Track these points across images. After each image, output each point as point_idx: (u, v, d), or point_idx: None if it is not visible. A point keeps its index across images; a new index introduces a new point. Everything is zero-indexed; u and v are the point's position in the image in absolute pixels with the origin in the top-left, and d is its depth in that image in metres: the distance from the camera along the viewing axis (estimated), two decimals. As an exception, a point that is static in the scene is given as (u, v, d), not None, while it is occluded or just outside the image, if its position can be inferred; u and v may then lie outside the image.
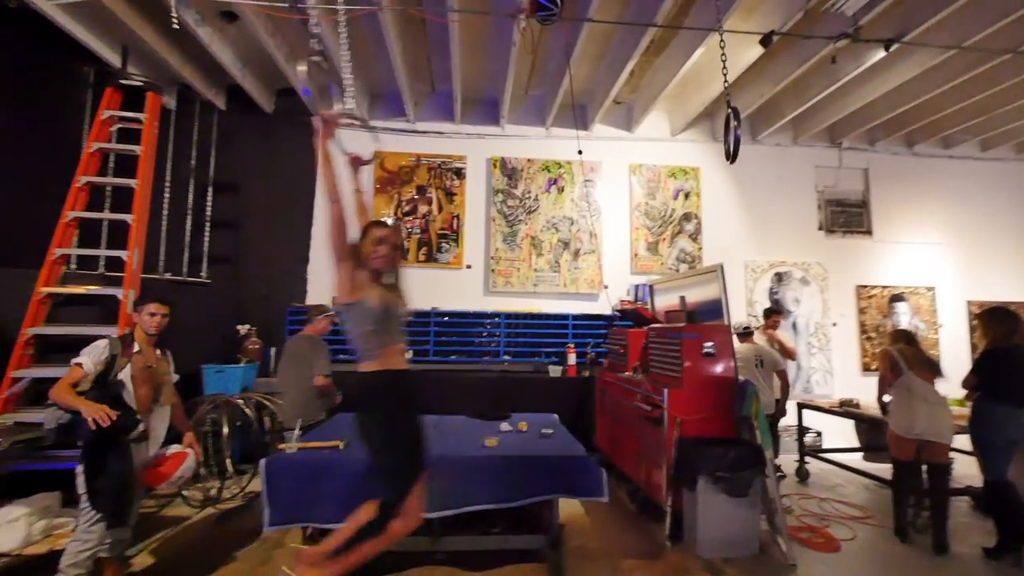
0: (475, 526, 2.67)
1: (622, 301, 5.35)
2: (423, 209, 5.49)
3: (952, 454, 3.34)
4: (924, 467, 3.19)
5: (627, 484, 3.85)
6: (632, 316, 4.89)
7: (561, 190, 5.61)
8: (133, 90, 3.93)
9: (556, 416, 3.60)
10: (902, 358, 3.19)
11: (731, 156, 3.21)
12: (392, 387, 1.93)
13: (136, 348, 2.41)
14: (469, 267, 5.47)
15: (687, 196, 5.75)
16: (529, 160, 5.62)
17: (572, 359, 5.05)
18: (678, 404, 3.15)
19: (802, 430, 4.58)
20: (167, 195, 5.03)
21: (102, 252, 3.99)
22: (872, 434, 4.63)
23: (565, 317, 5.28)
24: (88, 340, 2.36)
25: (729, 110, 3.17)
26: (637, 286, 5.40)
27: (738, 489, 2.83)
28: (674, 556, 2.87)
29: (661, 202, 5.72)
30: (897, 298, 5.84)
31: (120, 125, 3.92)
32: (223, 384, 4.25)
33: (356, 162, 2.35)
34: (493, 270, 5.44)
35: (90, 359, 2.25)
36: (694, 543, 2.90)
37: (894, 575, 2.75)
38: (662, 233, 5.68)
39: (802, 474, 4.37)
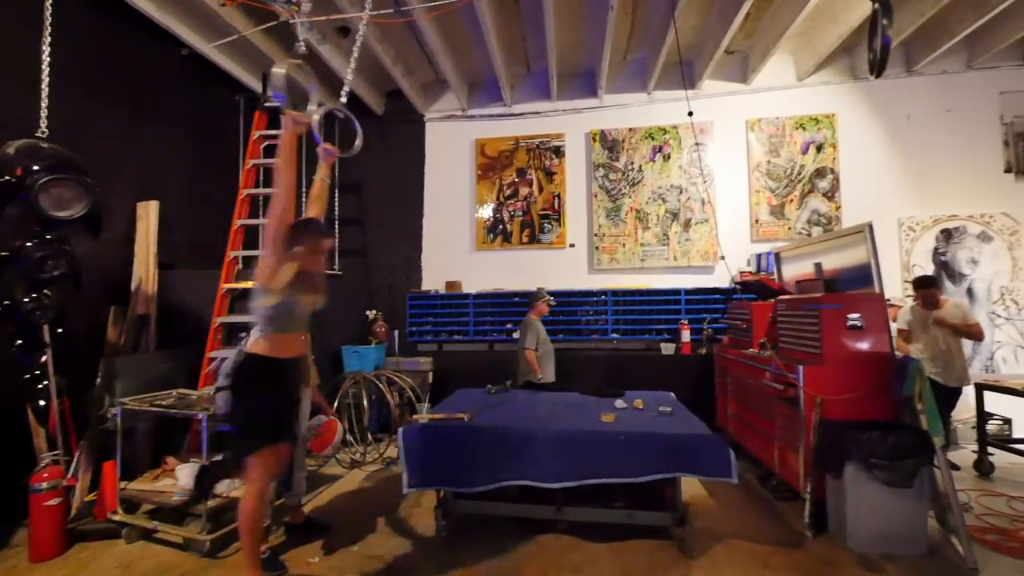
0: (599, 499, 2.71)
1: (742, 272, 4.90)
2: (524, 191, 5.56)
3: None
4: None
5: (756, 467, 3.59)
6: (755, 288, 4.47)
7: (667, 158, 5.26)
8: (275, 110, 4.53)
9: (673, 394, 3.47)
10: None
11: (877, 69, 2.64)
12: (255, 371, 2.13)
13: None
14: (572, 246, 5.44)
15: (819, 149, 5.02)
16: (631, 129, 5.35)
17: (686, 336, 4.79)
18: (817, 383, 2.83)
19: (983, 416, 3.82)
20: (303, 199, 5.75)
21: (261, 253, 4.71)
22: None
23: (677, 292, 5.00)
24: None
25: (876, 5, 2.58)
26: (759, 255, 4.90)
27: (899, 479, 2.47)
28: (818, 547, 2.62)
29: (787, 159, 5.07)
30: None
31: (267, 143, 4.56)
32: (359, 363, 4.81)
33: (328, 153, 2.58)
34: (597, 247, 5.34)
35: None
36: (843, 535, 2.61)
37: None
38: (789, 194, 5.05)
39: (984, 468, 3.66)
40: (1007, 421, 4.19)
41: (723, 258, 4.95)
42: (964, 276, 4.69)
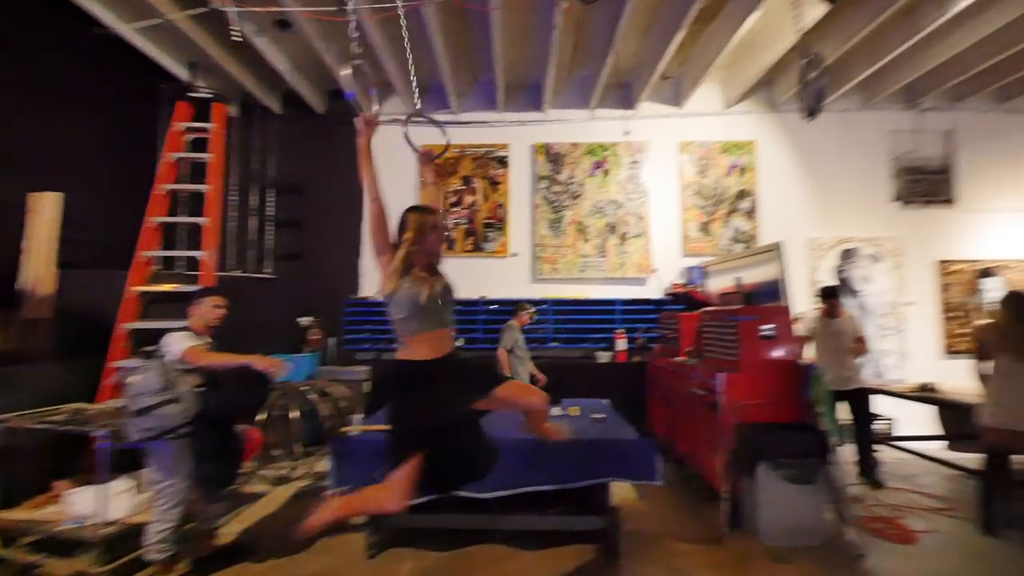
0: (533, 507, 2.74)
1: (674, 284, 5.20)
2: (468, 199, 5.57)
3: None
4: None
5: (683, 470, 3.79)
6: (684, 300, 4.76)
7: (607, 173, 5.49)
8: (202, 102, 4.24)
9: (607, 401, 3.60)
10: (996, 337, 2.90)
11: (811, 111, 2.96)
12: (403, 378, 1.92)
13: (202, 341, 2.51)
14: (515, 255, 5.51)
15: (742, 172, 5.46)
16: (573, 144, 5.53)
17: (621, 345, 5.00)
18: (735, 389, 3.05)
19: (872, 416, 4.29)
20: (234, 198, 5.42)
21: (182, 253, 4.38)
22: (958, 421, 4.25)
23: (613, 302, 5.21)
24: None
25: (805, 60, 2.92)
26: (689, 269, 5.23)
27: (803, 476, 2.72)
28: (735, 543, 2.81)
29: (713, 180, 5.46)
30: (986, 273, 5.27)
31: (193, 135, 4.26)
32: (290, 373, 4.56)
33: (426, 157, 2.41)
34: (539, 257, 5.45)
35: (192, 341, 2.41)
36: (755, 530, 2.83)
37: (977, 570, 2.55)
38: (715, 213, 5.44)
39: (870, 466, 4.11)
40: (892, 421, 4.74)
41: (656, 271, 5.22)
42: (858, 292, 5.27)
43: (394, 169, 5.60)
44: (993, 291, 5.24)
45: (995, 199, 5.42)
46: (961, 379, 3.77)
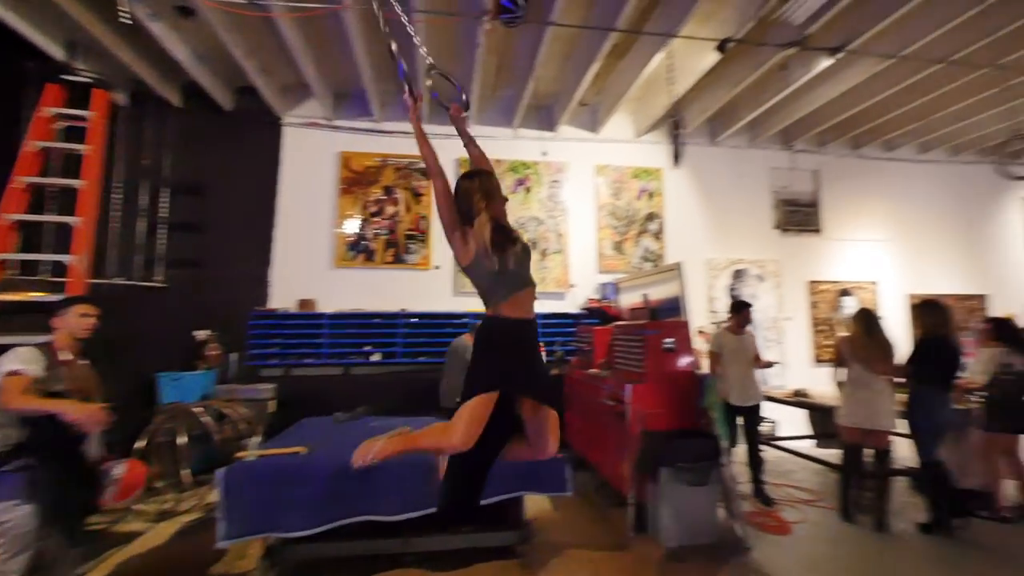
0: (444, 527, 2.69)
1: (589, 299, 5.46)
2: (390, 210, 5.44)
3: (892, 438, 3.58)
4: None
5: (596, 478, 3.94)
6: (598, 314, 5.01)
7: (528, 191, 5.67)
8: (80, 87, 3.75)
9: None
10: (849, 349, 3.40)
11: (676, 160, 3.57)
12: (497, 331, 1.85)
13: (64, 356, 2.24)
14: (437, 268, 5.46)
15: (651, 196, 5.91)
16: (496, 160, 5.64)
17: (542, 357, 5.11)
18: (641, 398, 3.24)
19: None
20: (118, 196, 4.81)
21: (46, 256, 3.79)
22: (824, 422, 4.88)
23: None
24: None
25: (672, 120, 3.43)
26: (604, 284, 5.52)
27: (698, 478, 2.96)
28: (639, 546, 2.97)
29: (626, 202, 5.86)
30: (845, 293, 6.18)
31: (67, 124, 3.73)
32: (181, 392, 4.11)
33: (458, 113, 2.29)
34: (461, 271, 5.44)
35: (26, 364, 2.09)
36: (657, 533, 3.01)
37: (839, 553, 2.93)
38: (627, 232, 5.82)
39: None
40: (774, 423, 5.33)
41: (573, 286, 5.45)
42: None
43: (314, 170, 5.36)
44: (851, 308, 6.15)
45: (850, 230, 6.38)
46: (826, 385, 4.33)
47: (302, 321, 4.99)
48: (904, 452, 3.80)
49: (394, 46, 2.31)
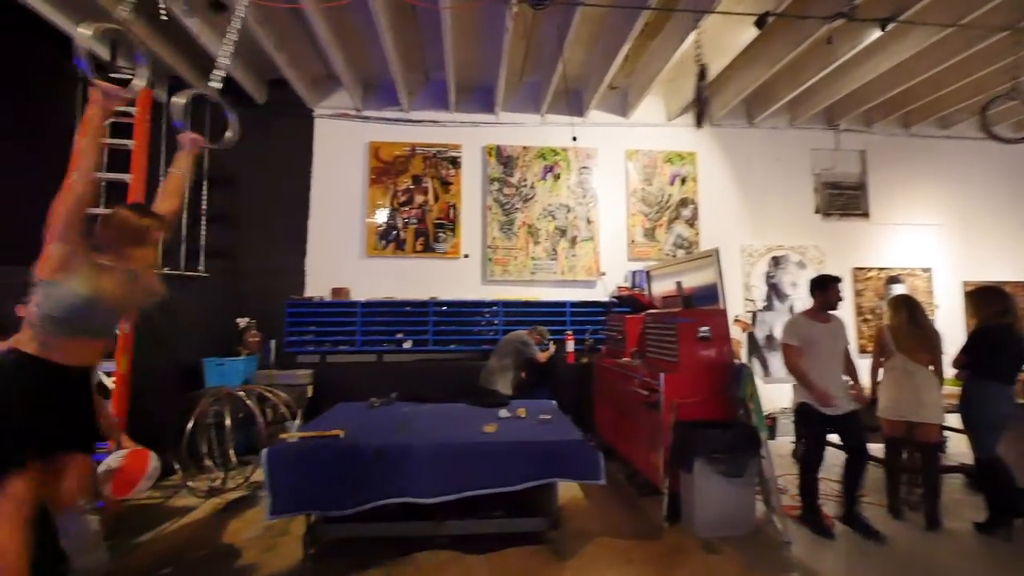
0: (477, 510, 2.72)
1: (619, 287, 5.37)
2: (419, 199, 5.48)
3: (946, 432, 3.39)
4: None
5: (627, 468, 3.91)
6: (629, 302, 4.92)
7: (557, 177, 5.59)
8: (124, 84, 3.89)
9: (554, 402, 3.65)
10: (892, 338, 3.23)
11: (697, 120, 3.38)
12: (20, 375, 1.68)
13: None
14: (466, 256, 5.48)
15: (684, 181, 5.73)
16: (525, 147, 5.59)
17: (570, 346, 5.09)
18: (674, 388, 3.18)
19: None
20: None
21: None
22: (867, 414, 4.67)
23: (563, 304, 5.31)
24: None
25: (699, 66, 3.19)
26: (634, 272, 5.41)
27: (734, 470, 2.88)
28: (672, 536, 2.93)
29: (658, 188, 5.70)
30: (894, 280, 5.85)
31: (112, 120, 3.89)
32: (224, 377, 4.29)
33: (193, 143, 2.25)
34: (490, 259, 5.45)
35: None
36: (691, 523, 2.96)
37: (886, 551, 2.80)
38: (659, 219, 5.68)
39: (798, 455, 4.43)
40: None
41: (604, 274, 5.38)
42: (787, 296, 5.68)
43: (344, 161, 5.44)
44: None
45: (900, 214, 6.02)
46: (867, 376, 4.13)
47: (336, 309, 5.11)
48: (960, 448, 3.60)
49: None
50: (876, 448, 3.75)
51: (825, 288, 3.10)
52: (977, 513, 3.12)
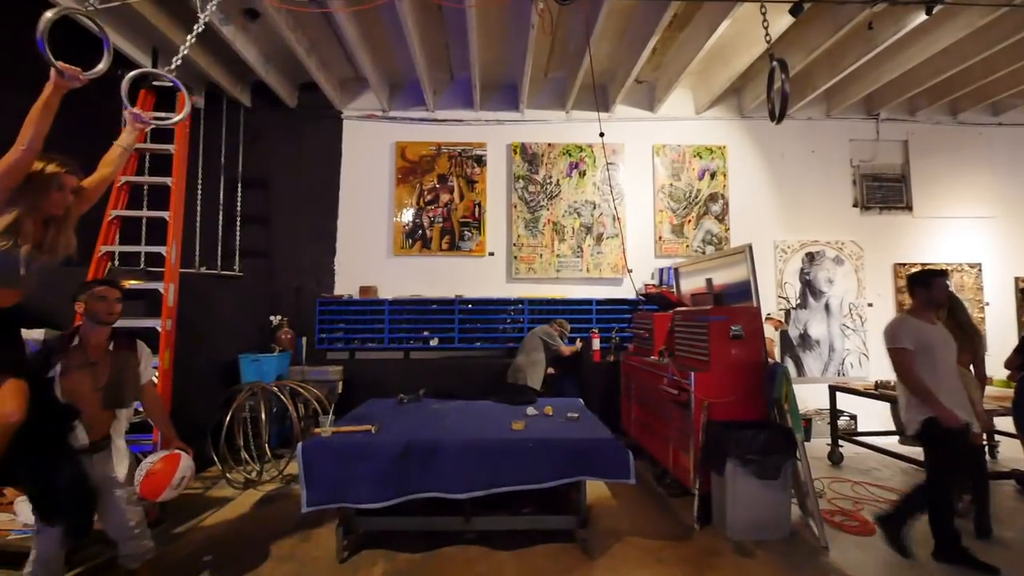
0: (506, 507, 2.74)
1: (647, 285, 5.29)
2: (444, 198, 5.53)
3: (997, 437, 3.21)
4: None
5: (655, 467, 3.86)
6: (657, 300, 4.84)
7: (583, 174, 5.54)
8: (165, 91, 4.06)
9: (581, 400, 3.62)
10: None
11: (778, 116, 3.05)
12: None
13: (74, 342, 2.14)
14: (492, 254, 5.50)
15: (713, 176, 5.59)
16: (550, 145, 5.56)
17: (596, 344, 5.04)
18: (705, 387, 3.12)
19: (835, 413, 4.47)
20: (200, 192, 5.23)
21: (143, 248, 4.18)
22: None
23: (589, 302, 5.27)
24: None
25: (774, 63, 3.02)
26: (662, 270, 5.32)
27: (768, 472, 2.80)
28: (703, 538, 2.87)
29: (686, 183, 5.58)
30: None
31: (154, 125, 4.06)
32: (259, 372, 4.44)
33: (136, 118, 2.27)
34: (516, 257, 5.45)
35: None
36: (723, 525, 2.90)
37: (926, 556, 2.68)
38: (687, 215, 5.56)
39: (835, 458, 4.28)
40: (853, 417, 4.95)
41: (631, 271, 5.31)
42: (823, 293, 5.48)
43: (372, 161, 5.54)
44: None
45: (946, 206, 5.72)
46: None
47: (364, 307, 5.21)
48: (1014, 453, 3.40)
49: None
50: (918, 451, 3.60)
51: (929, 284, 2.72)
52: (1033, 522, 2.94)
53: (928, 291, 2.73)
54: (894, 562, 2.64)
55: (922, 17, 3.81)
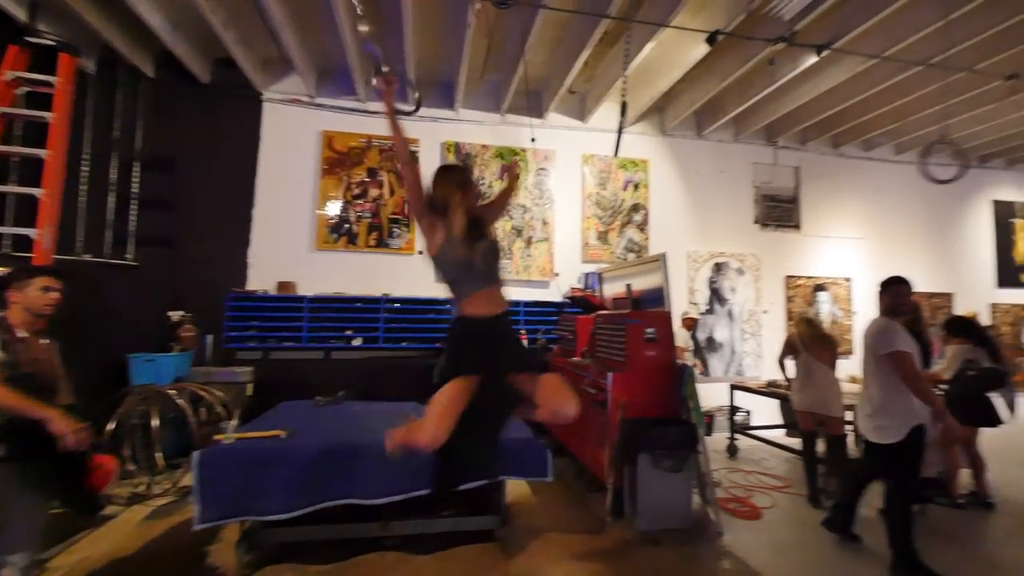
0: (425, 510, 2.70)
1: (572, 288, 5.48)
2: (374, 192, 5.34)
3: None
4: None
5: (576, 465, 4.00)
6: (581, 303, 5.03)
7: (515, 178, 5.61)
8: (44, 50, 3.54)
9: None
10: (800, 340, 3.72)
11: (615, 150, 3.88)
12: (460, 333, 1.98)
13: (20, 334, 1.99)
14: (421, 253, 5.40)
15: (636, 187, 5.93)
16: (484, 146, 5.58)
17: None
18: (622, 387, 3.29)
19: (733, 409, 4.93)
20: (86, 169, 4.59)
21: (7, 230, 3.61)
22: (790, 411, 5.05)
23: (516, 304, 5.35)
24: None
25: (622, 100, 3.68)
26: (587, 274, 5.54)
27: (675, 465, 3.02)
28: (616, 530, 3.03)
29: (612, 192, 5.87)
30: (820, 288, 6.36)
31: (29, 88, 3.52)
32: (153, 374, 3.99)
33: (387, 82, 2.09)
34: (446, 256, 5.39)
35: None
36: (634, 517, 3.08)
37: (806, 537, 3.05)
38: (612, 223, 5.84)
39: (732, 450, 4.72)
40: (749, 413, 5.48)
41: (557, 275, 5.47)
42: (727, 300, 6.03)
43: (295, 149, 5.20)
44: (824, 302, 6.34)
45: (827, 227, 6.54)
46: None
47: (282, 304, 4.88)
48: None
49: (365, 27, 2.24)
50: (795, 442, 4.07)
51: (889, 290, 2.72)
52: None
53: (890, 297, 2.72)
54: (780, 542, 2.97)
55: (814, 58, 4.34)
